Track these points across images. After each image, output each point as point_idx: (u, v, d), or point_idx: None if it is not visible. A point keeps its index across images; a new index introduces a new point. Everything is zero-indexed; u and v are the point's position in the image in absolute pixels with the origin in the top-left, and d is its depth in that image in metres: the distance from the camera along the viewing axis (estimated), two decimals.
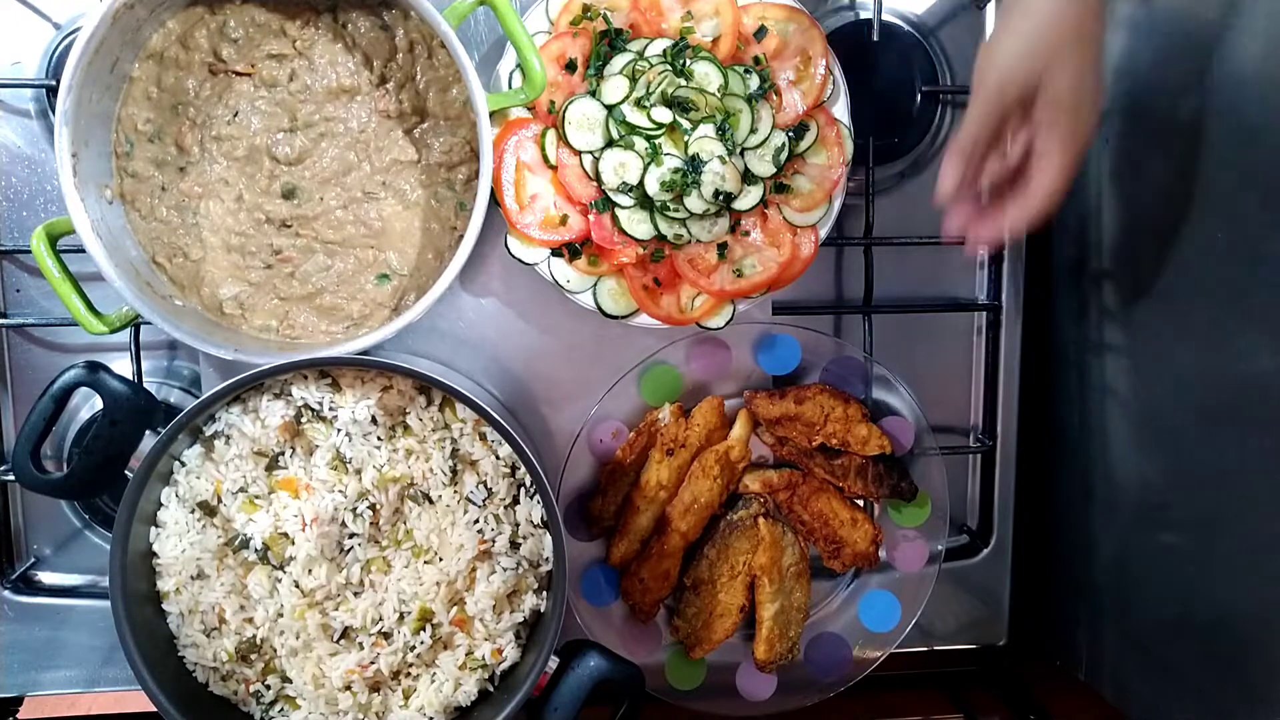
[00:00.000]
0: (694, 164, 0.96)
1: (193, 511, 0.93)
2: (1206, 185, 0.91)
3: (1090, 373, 1.10)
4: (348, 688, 0.92)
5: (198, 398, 0.90)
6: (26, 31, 1.02)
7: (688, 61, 0.97)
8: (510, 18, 0.90)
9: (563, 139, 0.97)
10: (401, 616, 0.92)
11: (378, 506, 0.92)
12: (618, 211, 0.98)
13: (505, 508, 0.95)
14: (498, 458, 0.95)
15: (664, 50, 0.97)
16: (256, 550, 0.92)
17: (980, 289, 1.16)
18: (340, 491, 0.91)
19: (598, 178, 0.98)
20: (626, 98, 0.96)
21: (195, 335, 0.90)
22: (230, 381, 0.87)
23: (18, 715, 1.11)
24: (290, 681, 0.93)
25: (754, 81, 0.99)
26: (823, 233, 1.02)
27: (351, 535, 0.92)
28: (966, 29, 1.11)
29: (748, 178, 0.99)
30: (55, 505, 1.09)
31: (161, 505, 0.93)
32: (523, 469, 0.94)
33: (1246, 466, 0.88)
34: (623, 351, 1.08)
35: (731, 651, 1.10)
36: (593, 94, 0.98)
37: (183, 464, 0.93)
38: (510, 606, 0.95)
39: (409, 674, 0.94)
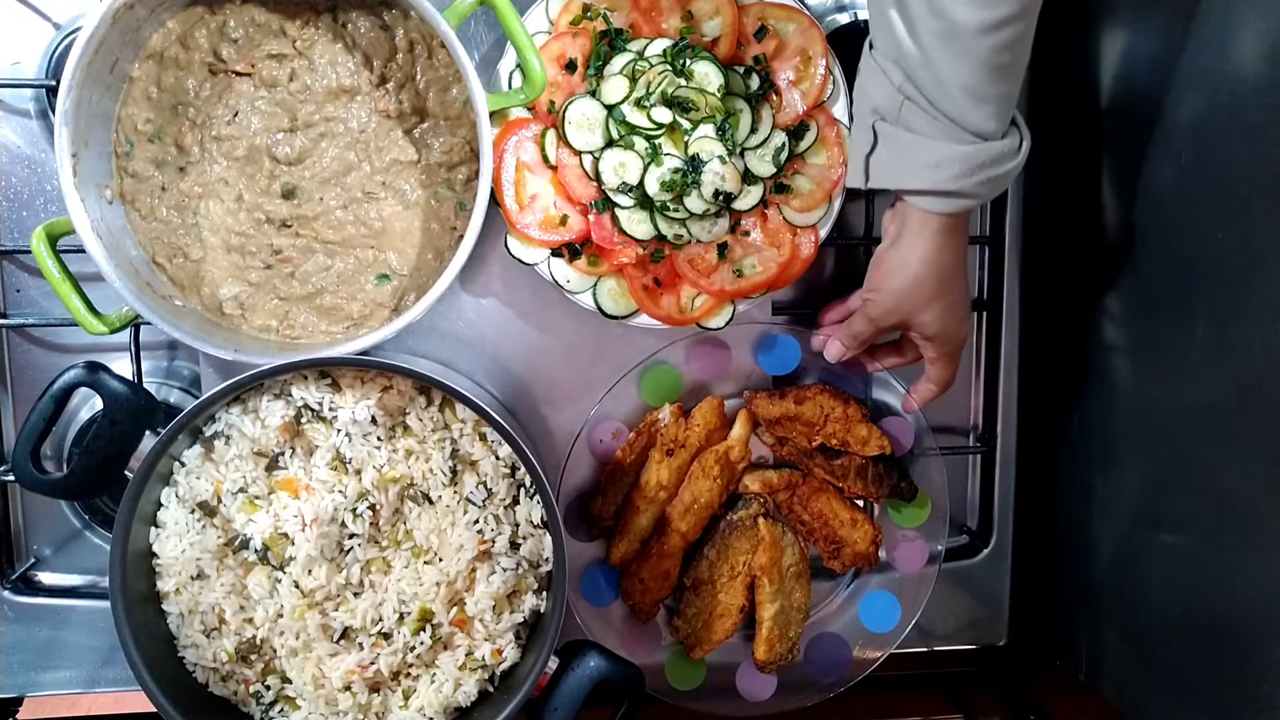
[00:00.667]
0: (694, 164, 0.96)
1: (193, 512, 0.93)
2: (1206, 185, 0.91)
3: (1090, 373, 1.10)
4: (348, 688, 0.92)
5: (198, 398, 0.90)
6: (26, 31, 1.02)
7: (688, 61, 0.97)
8: (510, 18, 0.90)
9: (563, 139, 0.97)
10: (401, 617, 0.92)
11: (378, 507, 0.92)
12: (618, 211, 0.98)
13: (505, 508, 0.95)
14: (498, 458, 0.95)
15: (664, 50, 0.97)
16: (256, 550, 0.92)
17: (979, 288, 1.16)
18: (340, 492, 0.91)
19: (598, 178, 0.98)
20: (626, 98, 0.97)
21: (195, 335, 0.90)
22: (230, 381, 0.87)
23: (18, 715, 1.11)
24: (290, 682, 0.93)
25: (754, 81, 0.99)
26: (823, 233, 1.02)
27: (351, 535, 0.92)
28: None
29: (748, 178, 0.99)
30: (55, 505, 1.09)
31: (161, 505, 0.93)
32: (523, 469, 0.94)
33: (1247, 466, 0.88)
34: (623, 351, 1.08)
35: (731, 651, 1.10)
36: (593, 94, 0.98)
37: (183, 464, 0.93)
38: (510, 607, 0.95)
39: (409, 674, 0.94)
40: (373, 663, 0.92)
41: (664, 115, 0.96)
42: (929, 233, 0.90)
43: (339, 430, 0.92)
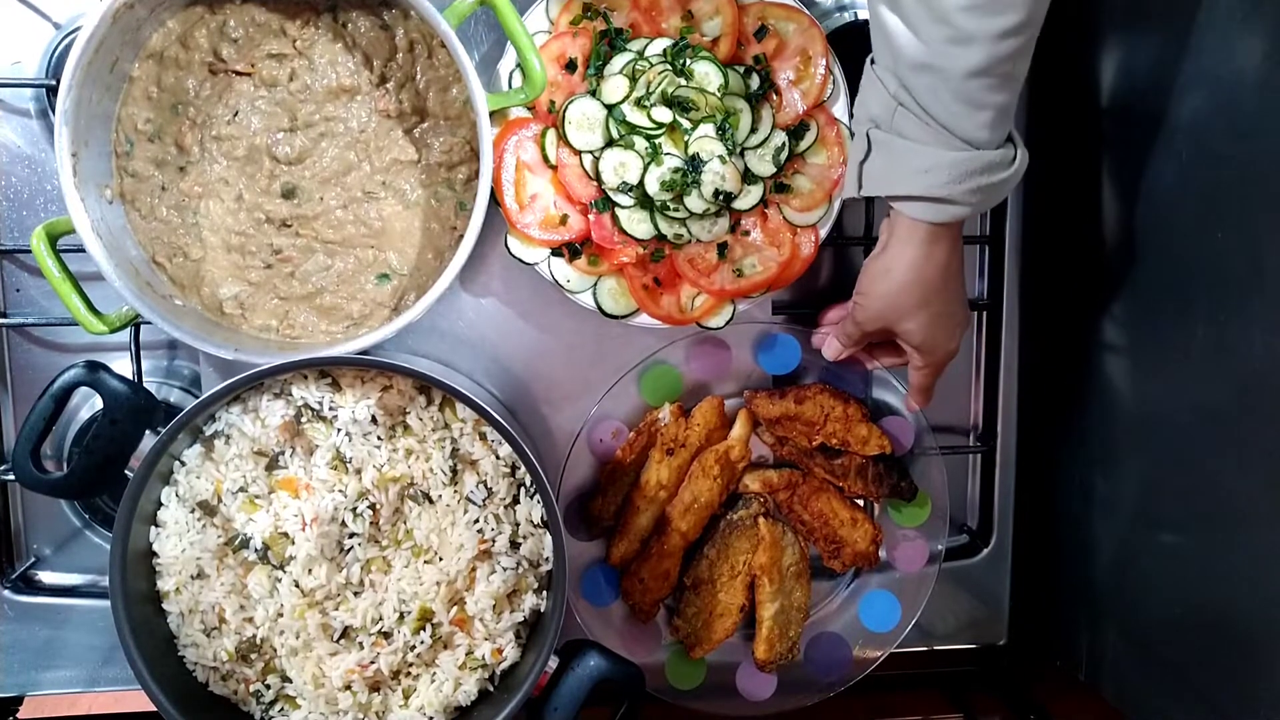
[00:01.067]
0: (694, 164, 0.96)
1: (193, 511, 0.93)
2: (1207, 185, 0.91)
3: (1090, 373, 1.10)
4: (348, 687, 0.92)
5: (198, 398, 0.90)
6: (26, 31, 1.02)
7: (688, 61, 0.97)
8: (510, 17, 0.90)
9: (563, 139, 0.97)
10: (401, 616, 0.92)
11: (378, 506, 0.92)
12: (618, 211, 0.98)
13: (505, 508, 0.95)
14: (498, 458, 0.95)
15: (664, 50, 0.97)
16: (256, 550, 0.92)
17: (979, 288, 1.16)
18: (340, 491, 0.91)
19: (598, 177, 0.98)
20: (626, 97, 0.97)
21: (195, 335, 0.90)
22: (230, 381, 0.87)
23: (18, 715, 1.11)
24: (290, 681, 0.93)
25: (754, 81, 0.99)
26: (823, 233, 1.02)
27: (351, 535, 0.92)
28: None
29: (748, 177, 0.99)
30: (55, 505, 1.09)
31: (161, 505, 0.93)
32: (523, 469, 0.94)
33: (1247, 466, 0.88)
34: (623, 351, 1.08)
35: (731, 651, 1.10)
36: (593, 94, 0.98)
37: (183, 464, 0.93)
38: (510, 606, 0.95)
39: (409, 674, 0.94)
40: (373, 662, 0.92)
41: (664, 115, 0.96)
42: (916, 240, 0.90)
43: (339, 430, 0.92)
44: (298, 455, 0.93)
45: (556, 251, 1.00)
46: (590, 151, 0.98)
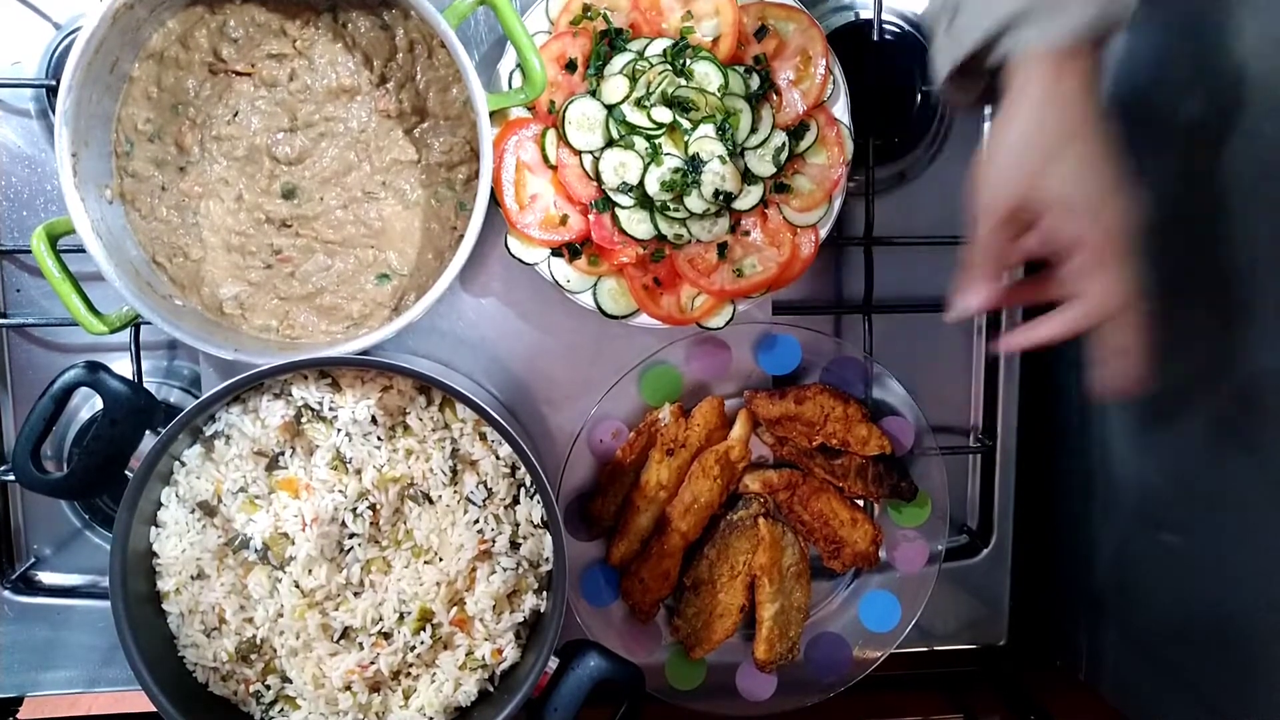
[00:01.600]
0: (694, 164, 0.96)
1: (193, 511, 0.93)
2: (1207, 185, 0.91)
3: (1090, 373, 1.10)
4: (348, 688, 0.92)
5: (198, 398, 0.90)
6: (26, 31, 1.02)
7: (688, 61, 0.97)
8: (510, 17, 0.90)
9: (563, 139, 0.97)
10: (401, 616, 0.93)
11: (378, 506, 0.92)
12: (618, 211, 0.98)
13: (505, 508, 0.95)
14: (498, 458, 0.95)
15: (664, 50, 0.97)
16: (256, 550, 0.92)
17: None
18: (340, 491, 0.91)
19: (598, 178, 0.98)
20: (626, 98, 0.97)
21: (195, 335, 0.90)
22: (230, 381, 0.87)
23: (18, 715, 1.11)
24: (290, 681, 0.93)
25: (754, 81, 0.99)
26: (823, 233, 1.02)
27: (351, 535, 0.92)
28: None
29: (748, 178, 0.99)
30: (55, 505, 1.09)
31: (161, 505, 0.93)
32: (523, 469, 0.94)
33: (1247, 467, 0.88)
34: (623, 351, 1.08)
35: (731, 651, 1.10)
36: (593, 94, 0.98)
37: (183, 464, 0.93)
38: (510, 606, 0.95)
39: (409, 674, 0.94)
40: (373, 662, 0.92)
41: (664, 115, 0.96)
42: (1034, 79, 0.71)
43: (339, 430, 0.92)
44: (298, 455, 0.93)
45: (556, 252, 1.00)
46: (590, 152, 0.98)
